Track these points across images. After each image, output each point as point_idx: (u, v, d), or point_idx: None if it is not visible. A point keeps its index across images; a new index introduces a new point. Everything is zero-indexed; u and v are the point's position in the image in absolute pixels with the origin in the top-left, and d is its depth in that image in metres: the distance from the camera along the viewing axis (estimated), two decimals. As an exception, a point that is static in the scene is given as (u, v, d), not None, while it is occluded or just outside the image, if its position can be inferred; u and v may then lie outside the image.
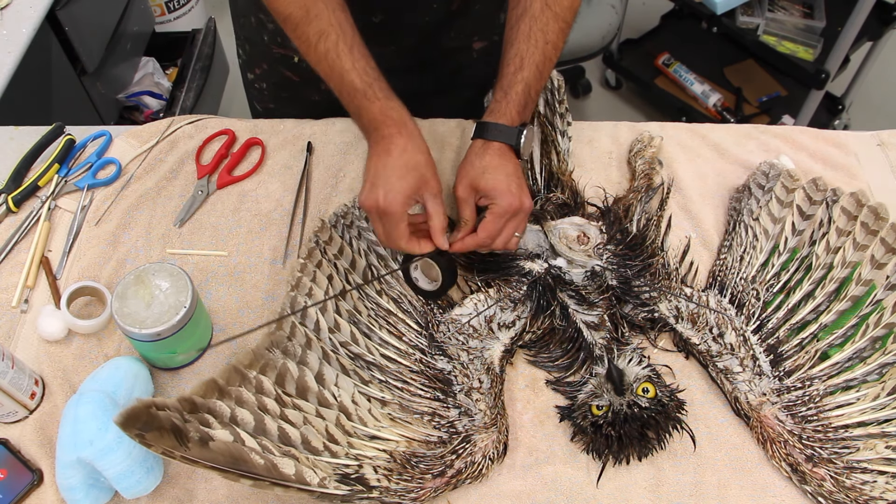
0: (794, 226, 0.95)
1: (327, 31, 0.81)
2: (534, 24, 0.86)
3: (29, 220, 0.99)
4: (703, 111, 2.29)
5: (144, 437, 0.63)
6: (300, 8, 0.80)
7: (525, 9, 0.86)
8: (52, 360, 0.87)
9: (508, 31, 0.89)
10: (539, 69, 0.87)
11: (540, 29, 0.86)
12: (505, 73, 0.87)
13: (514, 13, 0.88)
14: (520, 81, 0.86)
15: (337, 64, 0.81)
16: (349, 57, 0.81)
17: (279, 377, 0.76)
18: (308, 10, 0.80)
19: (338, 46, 0.81)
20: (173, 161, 1.07)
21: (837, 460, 0.77)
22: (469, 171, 0.85)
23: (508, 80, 0.87)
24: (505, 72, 0.87)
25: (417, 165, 0.81)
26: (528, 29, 0.86)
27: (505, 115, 0.86)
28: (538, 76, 0.87)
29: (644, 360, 0.83)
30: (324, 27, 0.80)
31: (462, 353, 0.85)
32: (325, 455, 0.72)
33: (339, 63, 0.81)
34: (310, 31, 0.81)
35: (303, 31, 0.81)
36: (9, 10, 1.44)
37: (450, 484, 0.75)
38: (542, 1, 0.86)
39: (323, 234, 0.90)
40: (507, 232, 0.84)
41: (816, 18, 2.10)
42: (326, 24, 0.80)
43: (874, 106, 2.52)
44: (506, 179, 0.83)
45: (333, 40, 0.81)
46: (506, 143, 0.86)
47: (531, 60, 0.86)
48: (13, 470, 0.77)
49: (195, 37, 2.16)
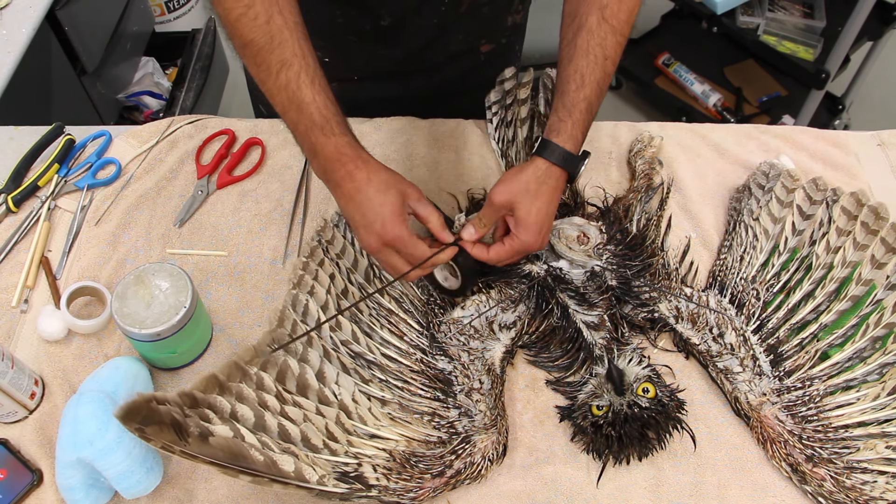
0: (794, 226, 0.95)
1: (290, 61, 0.76)
2: (591, 39, 0.82)
3: (29, 220, 0.99)
4: (703, 111, 2.29)
5: (144, 432, 0.63)
6: (264, 35, 0.76)
7: (581, 24, 0.83)
8: (52, 360, 0.87)
9: (565, 47, 0.85)
10: (600, 86, 0.83)
11: (598, 44, 0.83)
12: (566, 91, 0.83)
13: (569, 29, 0.85)
14: (583, 100, 0.82)
15: (297, 96, 0.77)
16: (310, 89, 0.77)
17: (280, 374, 0.76)
18: (272, 37, 0.76)
19: (299, 77, 0.76)
20: (173, 161, 1.07)
21: (837, 460, 0.77)
22: (516, 186, 0.80)
23: (571, 98, 0.82)
24: (566, 89, 0.83)
25: (387, 182, 0.78)
26: (585, 44, 0.82)
27: (571, 137, 0.82)
28: (599, 93, 0.84)
29: (644, 361, 0.83)
30: (287, 56, 0.76)
31: (463, 353, 0.85)
32: (324, 453, 0.72)
33: (298, 95, 0.77)
34: (272, 59, 0.76)
35: (264, 59, 0.77)
36: (8, 10, 1.44)
37: (448, 484, 0.75)
38: (598, 15, 0.83)
39: (326, 233, 0.90)
40: (505, 257, 0.83)
41: (817, 18, 2.10)
42: (290, 54, 0.76)
43: (874, 106, 2.52)
44: (541, 220, 0.81)
45: (296, 71, 0.76)
46: (567, 170, 0.82)
47: (592, 78, 0.83)
48: (13, 470, 0.77)
49: (195, 37, 2.16)
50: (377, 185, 0.77)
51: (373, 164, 0.78)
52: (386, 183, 0.77)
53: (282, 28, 0.76)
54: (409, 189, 0.79)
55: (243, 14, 0.75)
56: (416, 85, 1.11)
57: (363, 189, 0.77)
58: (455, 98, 1.14)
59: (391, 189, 0.77)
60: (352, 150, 0.77)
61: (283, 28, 0.76)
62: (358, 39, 1.02)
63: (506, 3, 1.08)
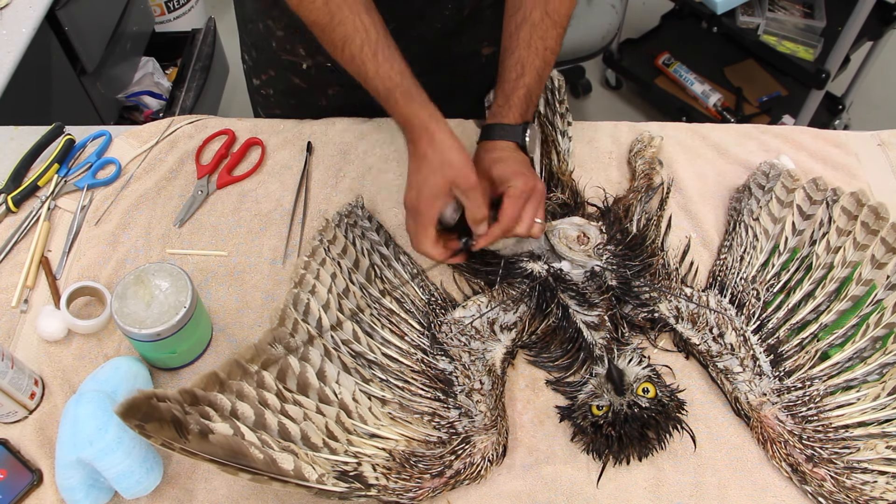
0: (794, 226, 0.95)
1: (352, 36, 0.82)
2: (534, 32, 0.89)
3: (28, 220, 0.99)
4: (703, 111, 2.29)
5: (144, 428, 0.63)
6: (325, 14, 0.82)
7: (525, 17, 0.89)
8: (52, 361, 0.87)
9: (507, 39, 0.92)
10: (539, 74, 0.90)
11: (540, 37, 0.89)
12: (507, 79, 0.90)
13: (512, 21, 0.91)
14: (522, 87, 0.89)
15: (362, 69, 0.83)
16: (373, 62, 0.82)
17: (280, 372, 0.76)
18: (333, 15, 0.82)
19: (362, 51, 0.82)
20: (173, 161, 1.07)
21: (838, 460, 0.77)
22: (478, 165, 0.88)
23: (511, 85, 0.90)
24: (506, 77, 0.90)
25: (444, 164, 0.82)
26: (528, 37, 0.89)
27: (507, 117, 0.90)
28: (538, 81, 0.91)
29: (644, 361, 0.83)
30: (348, 32, 0.82)
31: (464, 354, 0.85)
32: (324, 451, 0.72)
33: (363, 68, 0.83)
34: (335, 36, 0.83)
35: (328, 37, 0.83)
36: (8, 10, 1.44)
37: (448, 484, 0.75)
38: (541, 10, 0.89)
39: (327, 232, 0.91)
40: (528, 216, 0.86)
41: (817, 18, 2.10)
42: (351, 29, 0.82)
43: (874, 106, 2.52)
44: (516, 165, 0.87)
45: (358, 45, 0.82)
46: (512, 140, 0.89)
47: (532, 66, 0.89)
48: (13, 470, 0.77)
49: (195, 36, 2.16)
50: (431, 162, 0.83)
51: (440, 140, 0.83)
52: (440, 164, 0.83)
53: (340, 6, 0.81)
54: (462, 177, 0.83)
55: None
56: None
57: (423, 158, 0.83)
58: (456, 100, 1.14)
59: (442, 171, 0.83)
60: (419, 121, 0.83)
61: (341, 5, 0.81)
62: None
63: None
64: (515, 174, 0.85)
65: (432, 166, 0.82)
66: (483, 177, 0.86)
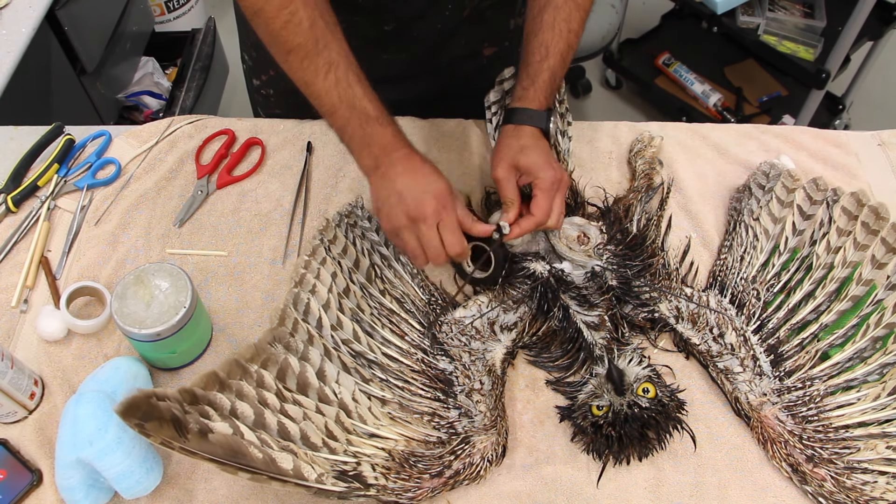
0: (794, 226, 0.95)
1: (337, 62, 0.80)
2: (557, 15, 0.88)
3: (28, 219, 0.99)
4: (703, 111, 2.29)
5: (144, 427, 0.63)
6: (310, 39, 0.79)
7: (548, 1, 0.89)
8: (52, 361, 0.87)
9: (531, 22, 0.90)
10: (563, 57, 0.89)
11: (563, 19, 0.88)
12: (531, 62, 0.89)
13: (536, 4, 0.90)
14: (546, 70, 0.88)
15: (348, 93, 0.81)
16: (359, 87, 0.81)
17: (280, 372, 0.76)
18: (318, 40, 0.80)
19: (348, 77, 0.81)
20: (173, 161, 1.07)
21: (838, 460, 0.77)
22: (506, 152, 0.87)
23: (535, 68, 0.89)
24: (530, 60, 0.89)
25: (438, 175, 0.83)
26: (552, 19, 0.88)
27: (533, 101, 0.89)
28: (562, 64, 0.90)
29: (644, 361, 0.83)
30: (333, 57, 0.80)
31: (464, 354, 0.85)
32: (323, 451, 0.72)
33: (350, 92, 0.81)
34: (319, 61, 0.80)
35: (311, 62, 0.80)
36: (8, 10, 1.44)
37: (447, 484, 0.75)
38: None
39: (327, 232, 0.90)
40: (557, 208, 0.86)
41: (817, 18, 2.10)
42: (336, 55, 0.80)
43: (875, 106, 2.52)
44: (544, 155, 0.87)
45: (343, 70, 0.81)
46: (538, 126, 0.88)
47: (556, 49, 0.88)
48: (13, 470, 0.77)
49: (195, 36, 2.16)
50: (432, 167, 0.83)
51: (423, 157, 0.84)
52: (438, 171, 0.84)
53: (325, 31, 0.80)
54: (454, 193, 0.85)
55: (288, 21, 0.78)
56: (418, 88, 1.11)
57: (424, 166, 0.83)
58: (456, 101, 1.14)
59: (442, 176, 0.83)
60: (404, 137, 0.84)
61: (325, 31, 0.80)
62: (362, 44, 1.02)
63: (509, 7, 1.08)
64: (544, 165, 0.85)
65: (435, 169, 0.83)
66: (510, 163, 0.87)
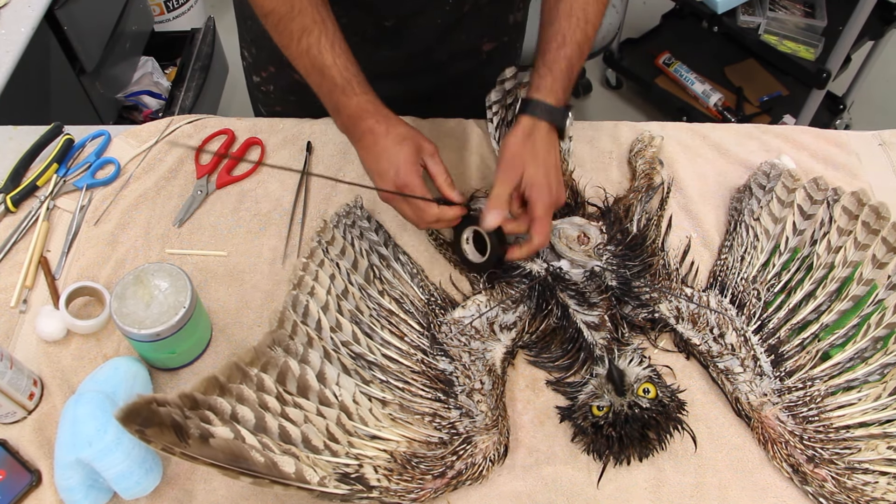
0: (794, 225, 0.95)
1: (310, 28, 0.81)
2: (574, 3, 0.86)
3: (27, 219, 0.99)
4: (703, 111, 2.29)
5: (145, 433, 0.63)
6: (285, 3, 0.81)
7: None
8: (51, 361, 0.87)
9: (548, 11, 0.89)
10: (580, 48, 0.87)
11: (581, 8, 0.86)
12: (548, 50, 0.87)
13: None
14: (563, 58, 0.86)
15: (318, 60, 0.82)
16: (330, 53, 0.82)
17: (280, 375, 0.76)
18: (293, 5, 0.81)
19: (320, 42, 0.82)
20: (172, 161, 1.06)
21: (839, 461, 0.77)
22: (519, 149, 0.84)
23: (552, 56, 0.86)
24: (547, 48, 0.87)
25: (404, 135, 0.83)
26: (568, 8, 0.86)
27: (552, 92, 0.86)
28: (579, 54, 0.87)
29: (645, 361, 0.83)
30: (307, 23, 0.81)
31: (464, 354, 0.85)
32: (325, 454, 0.72)
33: (320, 59, 0.82)
34: (293, 26, 0.82)
35: (285, 27, 0.82)
36: (7, 10, 1.43)
37: (450, 485, 0.75)
38: None
39: (325, 234, 0.90)
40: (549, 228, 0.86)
41: (818, 18, 2.10)
42: (310, 21, 0.81)
43: (875, 105, 2.52)
44: (547, 174, 0.84)
45: (316, 36, 0.81)
46: (554, 123, 0.86)
47: (573, 38, 0.86)
48: (12, 470, 0.77)
49: (194, 36, 2.15)
50: (394, 137, 0.83)
51: (392, 119, 0.84)
52: (402, 136, 0.83)
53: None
54: (424, 143, 0.85)
55: None
56: (417, 84, 1.10)
57: (381, 141, 0.83)
58: (456, 97, 1.14)
59: (407, 141, 0.83)
60: (372, 107, 0.83)
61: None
62: (361, 40, 1.02)
63: (508, 2, 1.07)
64: (543, 187, 0.83)
65: (393, 144, 0.83)
66: (517, 159, 0.84)
